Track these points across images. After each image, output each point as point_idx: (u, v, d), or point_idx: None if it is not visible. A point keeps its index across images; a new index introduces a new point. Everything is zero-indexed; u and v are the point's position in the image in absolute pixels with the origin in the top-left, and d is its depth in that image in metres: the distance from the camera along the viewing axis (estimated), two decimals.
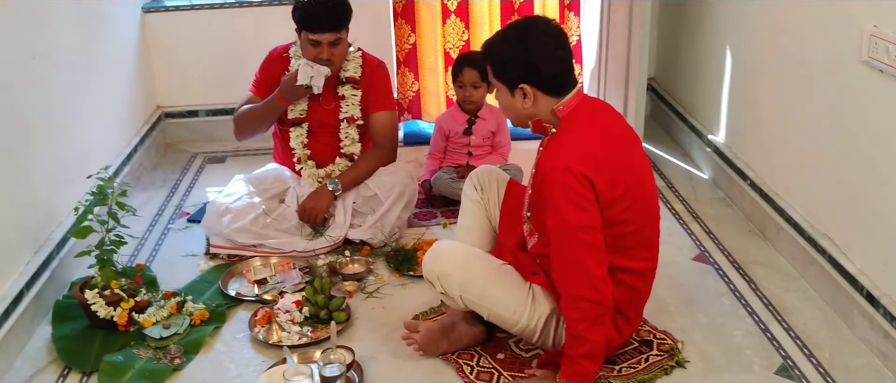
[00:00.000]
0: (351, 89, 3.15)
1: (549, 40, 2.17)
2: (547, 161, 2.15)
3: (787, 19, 2.95)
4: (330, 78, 3.11)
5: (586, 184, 2.08)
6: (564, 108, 2.19)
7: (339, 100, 3.16)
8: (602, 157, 2.12)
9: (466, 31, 4.22)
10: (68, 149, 3.09)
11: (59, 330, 2.59)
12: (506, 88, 2.22)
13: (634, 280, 2.26)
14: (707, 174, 3.72)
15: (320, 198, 3.08)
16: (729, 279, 2.87)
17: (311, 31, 2.96)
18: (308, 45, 3.00)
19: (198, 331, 2.57)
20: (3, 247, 2.56)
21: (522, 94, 2.18)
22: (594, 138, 2.16)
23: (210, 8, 4.14)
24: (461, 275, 2.32)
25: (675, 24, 4.16)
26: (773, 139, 3.11)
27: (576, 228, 2.08)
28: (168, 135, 4.30)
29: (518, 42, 2.17)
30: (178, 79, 4.26)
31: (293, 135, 3.19)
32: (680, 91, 4.16)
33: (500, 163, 3.51)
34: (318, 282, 2.67)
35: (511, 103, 2.23)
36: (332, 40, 2.97)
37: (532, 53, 2.15)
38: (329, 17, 2.95)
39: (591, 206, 2.09)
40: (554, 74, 2.18)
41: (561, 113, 2.19)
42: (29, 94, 2.80)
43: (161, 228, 3.36)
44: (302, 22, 2.98)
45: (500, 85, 2.23)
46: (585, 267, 2.08)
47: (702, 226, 3.26)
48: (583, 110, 2.21)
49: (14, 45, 2.70)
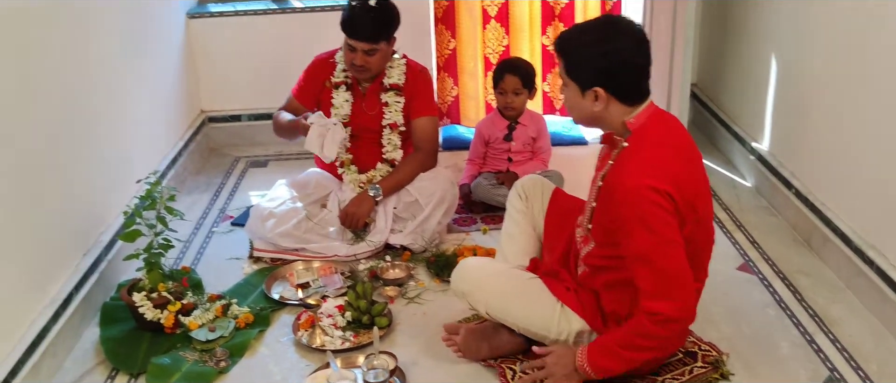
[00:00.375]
0: (394, 96, 3.17)
1: (631, 45, 2.05)
2: (627, 178, 2.03)
3: (837, 25, 2.91)
4: (373, 84, 3.14)
5: (671, 203, 2.00)
6: (635, 121, 2.09)
7: (382, 105, 3.18)
8: (682, 175, 2.05)
9: (506, 36, 4.22)
10: (116, 152, 3.15)
11: (107, 332, 2.64)
12: (577, 88, 2.10)
13: None
14: (750, 182, 3.68)
15: (361, 204, 3.10)
16: (774, 289, 2.83)
17: (348, 36, 3.01)
18: (346, 48, 3.05)
19: (242, 335, 2.60)
20: (55, 249, 2.62)
21: (594, 96, 2.08)
22: (672, 155, 2.07)
23: (254, 14, 4.19)
24: (483, 293, 2.34)
25: (719, 30, 4.12)
26: (820, 148, 3.07)
27: (667, 243, 2.01)
28: (211, 139, 4.36)
29: (598, 43, 2.04)
30: (222, 84, 4.32)
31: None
32: (723, 97, 4.12)
33: (540, 169, 3.50)
34: (361, 287, 2.69)
35: (579, 103, 2.12)
36: (367, 50, 3.01)
37: (611, 58, 2.03)
38: (368, 26, 2.98)
39: (675, 224, 2.02)
40: (630, 83, 2.08)
41: (632, 125, 2.09)
42: (79, 98, 2.86)
43: (205, 231, 3.40)
44: (343, 24, 3.02)
45: (570, 82, 2.12)
46: (684, 281, 2.04)
47: (746, 235, 3.23)
48: (655, 124, 2.11)
49: (66, 51, 2.76)
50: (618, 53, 2.04)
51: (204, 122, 4.30)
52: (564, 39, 2.13)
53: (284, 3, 4.27)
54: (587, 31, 2.11)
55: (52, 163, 2.61)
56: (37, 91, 2.53)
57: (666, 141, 2.11)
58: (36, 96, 2.52)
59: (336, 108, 3.17)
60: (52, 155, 2.62)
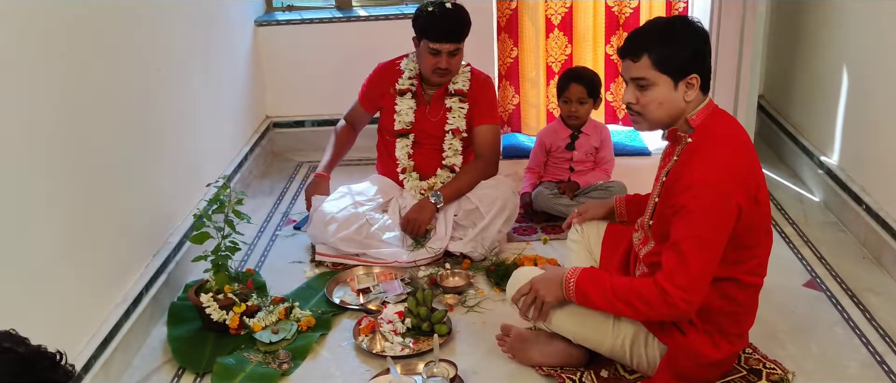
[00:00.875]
0: (458, 102, 3.20)
1: (704, 32, 2.14)
2: (691, 174, 2.07)
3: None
4: (438, 90, 3.17)
5: (728, 202, 2.04)
6: (698, 117, 2.14)
7: (445, 111, 3.21)
8: (744, 170, 2.09)
9: (570, 45, 4.21)
10: (186, 156, 3.24)
11: (174, 331, 2.71)
12: (668, 80, 2.10)
13: (739, 293, 2.20)
14: (818, 197, 3.59)
15: (423, 211, 3.12)
16: (842, 307, 2.76)
17: (432, 40, 3.05)
18: (427, 54, 3.08)
19: (305, 338, 2.64)
20: (127, 249, 2.70)
21: (687, 85, 2.10)
22: (735, 150, 2.11)
23: (319, 22, 4.26)
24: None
25: (788, 41, 4.04)
26: (892, 162, 2.98)
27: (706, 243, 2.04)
28: (275, 143, 4.44)
29: (690, 32, 2.11)
30: (287, 90, 4.40)
31: (399, 146, 3.26)
32: (791, 110, 4.03)
33: (602, 179, 3.48)
34: (421, 294, 2.71)
35: (671, 97, 2.12)
36: (452, 50, 3.06)
37: (697, 43, 2.10)
38: (452, 26, 3.04)
39: (725, 226, 2.05)
40: (709, 70, 2.15)
41: (694, 121, 2.14)
42: (153, 104, 2.95)
43: (269, 235, 3.47)
44: (424, 30, 3.06)
45: (660, 77, 2.10)
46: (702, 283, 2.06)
47: (813, 250, 3.15)
48: (716, 121, 2.15)
49: (140, 56, 2.85)
50: (700, 39, 2.12)
51: (269, 127, 4.38)
52: (646, 36, 2.14)
53: (349, 12, 4.33)
54: (674, 24, 2.17)
55: (125, 166, 2.70)
56: (111, 96, 2.61)
57: (729, 135, 2.14)
58: (110, 101, 2.60)
59: (400, 114, 3.21)
60: (125, 158, 2.70)
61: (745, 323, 2.31)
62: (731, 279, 2.17)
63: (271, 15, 4.38)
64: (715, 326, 2.22)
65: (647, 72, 2.11)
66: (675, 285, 2.05)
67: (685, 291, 2.05)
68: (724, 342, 2.25)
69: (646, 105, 2.15)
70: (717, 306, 2.18)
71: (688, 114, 2.14)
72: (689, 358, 2.22)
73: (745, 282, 2.20)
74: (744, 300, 2.24)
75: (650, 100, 2.14)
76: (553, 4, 4.16)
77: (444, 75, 3.13)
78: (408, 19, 4.14)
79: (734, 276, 2.17)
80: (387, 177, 3.36)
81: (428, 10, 3.07)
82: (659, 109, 2.14)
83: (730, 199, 2.04)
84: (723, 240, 2.07)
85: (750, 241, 2.14)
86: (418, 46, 3.13)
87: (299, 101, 4.41)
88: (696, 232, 2.04)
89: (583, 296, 2.21)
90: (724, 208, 2.04)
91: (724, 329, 2.24)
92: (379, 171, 3.43)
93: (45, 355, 1.18)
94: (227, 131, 3.84)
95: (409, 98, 3.22)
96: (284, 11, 4.42)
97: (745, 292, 2.23)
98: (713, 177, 2.04)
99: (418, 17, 3.10)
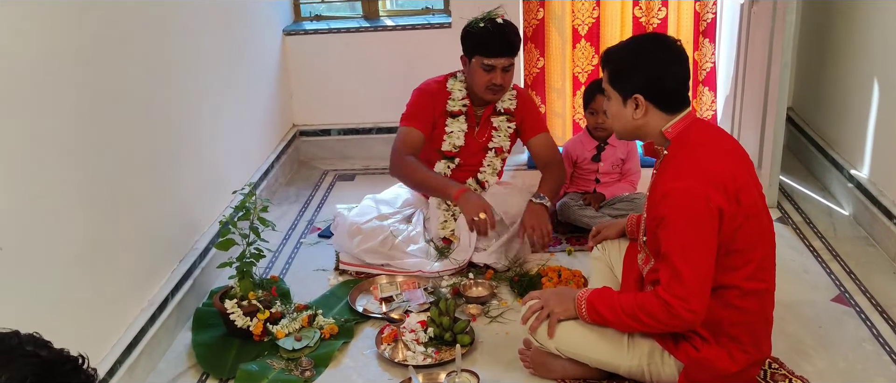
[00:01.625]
0: (506, 121, 3.21)
1: (669, 55, 2.17)
2: (665, 182, 2.12)
3: None
4: (487, 109, 3.18)
5: (703, 203, 2.05)
6: (673, 129, 2.17)
7: (491, 129, 3.22)
8: (720, 172, 2.09)
9: (596, 56, 4.20)
10: (213, 163, 3.27)
11: (199, 337, 2.73)
12: (618, 96, 2.20)
13: (743, 300, 2.18)
14: (848, 210, 3.54)
15: (540, 216, 3.02)
16: (871, 323, 2.71)
17: (487, 56, 3.01)
18: (480, 70, 3.04)
19: (327, 345, 2.65)
20: (154, 255, 2.73)
21: (635, 104, 2.17)
22: (710, 157, 2.13)
23: (347, 32, 4.29)
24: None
25: (817, 52, 4.00)
26: None
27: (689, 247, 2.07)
28: (301, 152, 4.47)
29: (638, 52, 2.19)
30: (314, 98, 4.43)
31: (441, 165, 3.23)
32: (820, 122, 3.99)
33: (628, 191, 3.46)
34: (444, 304, 2.70)
35: (621, 113, 2.21)
36: (506, 65, 3.04)
37: (650, 65, 2.16)
38: (507, 41, 3.03)
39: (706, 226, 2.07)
40: (669, 90, 2.17)
41: (669, 134, 2.17)
42: (182, 110, 2.98)
43: (293, 242, 3.49)
44: (477, 46, 3.03)
45: (613, 92, 2.22)
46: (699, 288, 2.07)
47: (842, 265, 3.11)
48: (694, 131, 2.18)
49: (169, 63, 2.89)
50: (656, 60, 2.16)
51: (295, 136, 4.41)
52: (608, 50, 2.26)
53: (376, 22, 4.36)
54: (629, 43, 2.27)
55: (152, 173, 2.73)
56: (139, 102, 2.64)
57: (704, 142, 2.16)
58: (138, 107, 2.63)
59: (450, 136, 3.20)
60: (152, 164, 2.73)
61: (759, 331, 2.26)
62: (729, 286, 2.16)
63: (299, 24, 4.41)
64: (727, 338, 2.20)
65: (606, 84, 2.24)
66: (673, 295, 2.07)
67: (685, 301, 2.06)
68: (739, 353, 2.22)
69: (608, 115, 2.30)
70: (724, 316, 2.16)
71: (662, 128, 2.18)
72: (707, 373, 2.20)
73: (746, 289, 2.17)
74: (750, 307, 2.20)
75: (609, 111, 2.27)
76: (580, 14, 4.16)
77: (497, 92, 3.09)
78: (434, 29, 4.20)
79: (733, 283, 2.16)
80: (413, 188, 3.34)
81: (480, 25, 3.03)
82: (615, 121, 2.27)
83: (705, 201, 2.05)
84: (708, 241, 2.07)
85: (741, 245, 2.13)
86: (468, 64, 3.09)
87: (326, 110, 4.44)
88: (679, 240, 2.07)
89: (595, 313, 2.23)
90: (701, 210, 2.05)
91: (737, 339, 2.21)
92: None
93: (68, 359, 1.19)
94: (253, 139, 3.87)
95: (462, 120, 3.19)
96: (312, 21, 4.45)
97: (750, 299, 2.19)
98: (684, 182, 2.07)
99: (469, 33, 3.06)
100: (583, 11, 4.16)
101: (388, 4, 4.51)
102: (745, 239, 2.13)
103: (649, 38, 2.30)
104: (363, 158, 4.40)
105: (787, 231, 3.39)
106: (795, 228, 3.42)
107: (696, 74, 4.26)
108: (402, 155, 3.13)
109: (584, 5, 4.15)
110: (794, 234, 3.37)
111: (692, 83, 4.12)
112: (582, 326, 2.30)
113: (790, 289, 2.85)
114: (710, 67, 4.24)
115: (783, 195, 3.72)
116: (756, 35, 3.58)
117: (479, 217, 2.89)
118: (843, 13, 3.67)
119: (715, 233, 2.08)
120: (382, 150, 4.43)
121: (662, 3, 4.14)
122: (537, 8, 4.15)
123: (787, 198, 3.71)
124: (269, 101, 4.13)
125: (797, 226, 3.43)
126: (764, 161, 3.52)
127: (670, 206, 2.08)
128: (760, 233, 2.18)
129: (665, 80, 2.16)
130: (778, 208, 3.58)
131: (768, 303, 2.27)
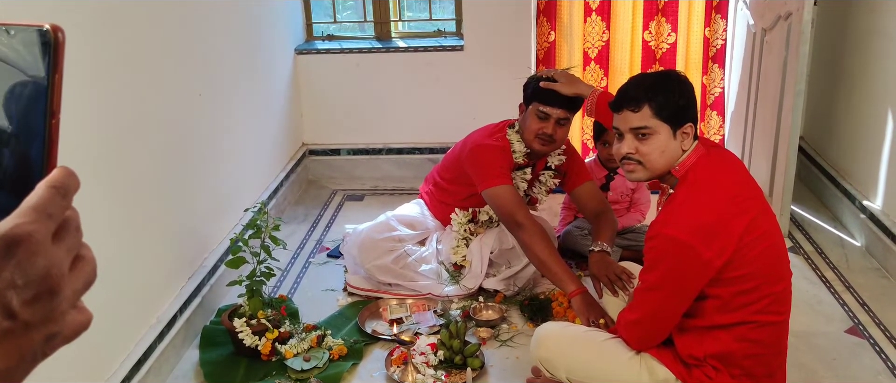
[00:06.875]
0: (551, 176, 3.17)
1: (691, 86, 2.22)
2: (656, 226, 2.11)
3: None
4: (540, 161, 3.13)
5: (696, 259, 2.02)
6: (681, 168, 2.14)
7: (536, 182, 3.19)
8: (714, 226, 2.04)
9: (607, 31, 4.17)
10: (223, 180, 3.26)
11: (207, 355, 2.71)
12: (669, 129, 2.13)
13: (757, 333, 2.13)
14: (860, 241, 3.52)
15: (605, 262, 2.86)
16: (886, 356, 2.69)
17: (544, 103, 2.89)
18: (534, 117, 2.92)
19: (336, 366, 2.63)
20: (163, 272, 2.71)
21: (683, 133, 2.14)
22: (711, 204, 2.08)
23: (358, 52, 4.30)
24: (563, 360, 2.32)
25: (830, 82, 3.99)
26: None
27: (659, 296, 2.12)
28: (310, 171, 4.46)
29: (677, 82, 2.17)
30: (324, 118, 4.43)
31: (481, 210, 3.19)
32: (832, 152, 3.98)
33: (637, 221, 3.45)
34: (454, 327, 2.68)
35: (671, 145, 2.14)
36: (561, 117, 2.91)
37: (691, 93, 2.17)
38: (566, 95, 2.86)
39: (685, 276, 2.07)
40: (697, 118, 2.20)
41: (677, 172, 2.15)
42: (193, 128, 2.98)
43: (302, 261, 3.47)
44: (537, 93, 2.90)
45: (660, 125, 2.13)
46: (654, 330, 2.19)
47: (855, 296, 3.08)
48: (701, 169, 2.14)
49: (180, 82, 2.89)
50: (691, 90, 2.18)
51: (305, 155, 4.41)
52: (646, 85, 2.17)
53: (388, 43, 4.36)
54: (658, 76, 2.25)
55: (163, 189, 2.72)
56: (151, 120, 2.64)
57: (708, 185, 2.12)
58: (150, 124, 2.63)
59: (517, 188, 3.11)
60: (163, 181, 2.73)
61: (773, 363, 2.22)
62: (744, 323, 2.11)
63: (311, 43, 4.42)
64: (740, 370, 2.16)
65: (648, 121, 2.13)
66: (625, 322, 2.23)
67: (629, 332, 2.22)
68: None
69: (647, 154, 2.15)
70: (737, 350, 2.12)
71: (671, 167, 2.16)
72: None
73: (762, 322, 2.13)
74: (765, 339, 2.16)
75: (652, 150, 2.14)
76: (591, 38, 4.17)
77: (546, 143, 2.96)
78: (446, 52, 4.21)
79: (747, 320, 2.11)
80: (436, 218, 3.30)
81: (545, 76, 2.92)
82: (661, 158, 2.16)
83: (691, 255, 2.01)
84: (676, 291, 2.08)
85: (753, 283, 2.08)
86: (524, 111, 3.00)
87: (336, 130, 4.44)
88: (646, 277, 2.13)
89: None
90: (682, 260, 2.03)
91: (750, 372, 2.18)
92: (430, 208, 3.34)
93: None
94: (263, 157, 3.86)
95: (527, 172, 3.13)
96: (324, 40, 4.46)
97: (765, 331, 2.15)
98: (671, 230, 2.05)
99: (533, 79, 2.96)
100: (593, 35, 4.16)
101: (401, 26, 4.53)
102: (759, 275, 2.08)
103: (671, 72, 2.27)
104: (372, 179, 4.39)
105: (800, 261, 3.37)
106: (807, 258, 3.40)
107: (704, 99, 4.26)
108: (530, 215, 2.94)
109: (595, 29, 4.16)
110: (806, 264, 3.34)
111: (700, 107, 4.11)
112: (593, 354, 2.28)
113: (803, 320, 2.83)
114: (718, 92, 4.24)
115: (794, 225, 3.70)
116: (769, 63, 3.58)
117: (597, 322, 2.72)
118: (856, 44, 3.67)
119: (694, 284, 2.06)
120: (391, 171, 4.43)
121: (672, 29, 4.14)
122: (548, 31, 4.15)
123: (799, 229, 3.69)
124: (280, 120, 4.13)
125: (809, 257, 3.41)
126: (775, 190, 3.50)
127: (652, 250, 2.10)
128: (773, 266, 2.14)
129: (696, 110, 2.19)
130: (789, 238, 3.56)
131: (783, 335, 2.24)
